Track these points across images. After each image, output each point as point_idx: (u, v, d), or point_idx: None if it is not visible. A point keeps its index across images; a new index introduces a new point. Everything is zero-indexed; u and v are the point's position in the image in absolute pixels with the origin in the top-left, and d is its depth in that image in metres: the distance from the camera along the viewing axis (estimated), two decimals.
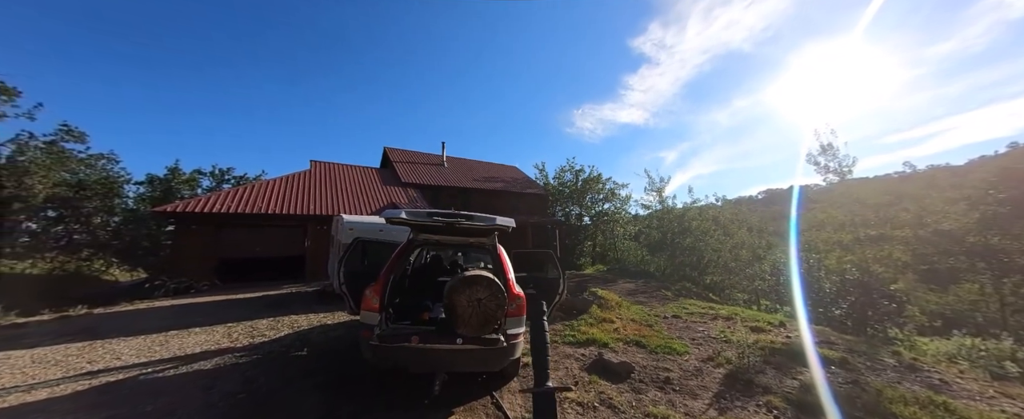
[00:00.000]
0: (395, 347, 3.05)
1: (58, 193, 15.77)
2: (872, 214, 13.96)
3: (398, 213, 3.53)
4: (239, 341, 5.04)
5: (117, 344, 4.89)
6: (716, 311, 7.50)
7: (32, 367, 4.05)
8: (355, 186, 16.83)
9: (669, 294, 10.70)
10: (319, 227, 12.83)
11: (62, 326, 6.03)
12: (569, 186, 24.86)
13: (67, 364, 4.15)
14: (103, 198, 17.15)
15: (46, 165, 15.23)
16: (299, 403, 3.17)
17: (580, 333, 5.51)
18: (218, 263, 11.63)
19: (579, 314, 6.70)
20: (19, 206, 15.20)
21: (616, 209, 24.09)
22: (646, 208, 21.99)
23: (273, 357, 4.32)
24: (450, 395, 3.32)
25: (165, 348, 4.74)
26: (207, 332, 5.49)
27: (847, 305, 9.35)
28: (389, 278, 3.57)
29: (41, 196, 15.18)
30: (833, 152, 13.66)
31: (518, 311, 3.45)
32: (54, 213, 16.56)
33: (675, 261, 16.55)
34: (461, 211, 3.69)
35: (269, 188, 13.84)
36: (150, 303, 8.34)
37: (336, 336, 5.21)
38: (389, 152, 21.90)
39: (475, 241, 4.10)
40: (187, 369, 3.98)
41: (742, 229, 16.28)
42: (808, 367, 4.37)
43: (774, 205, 58.70)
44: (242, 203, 12.15)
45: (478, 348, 3.12)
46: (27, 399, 3.27)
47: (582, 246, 23.69)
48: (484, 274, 3.29)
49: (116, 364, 4.16)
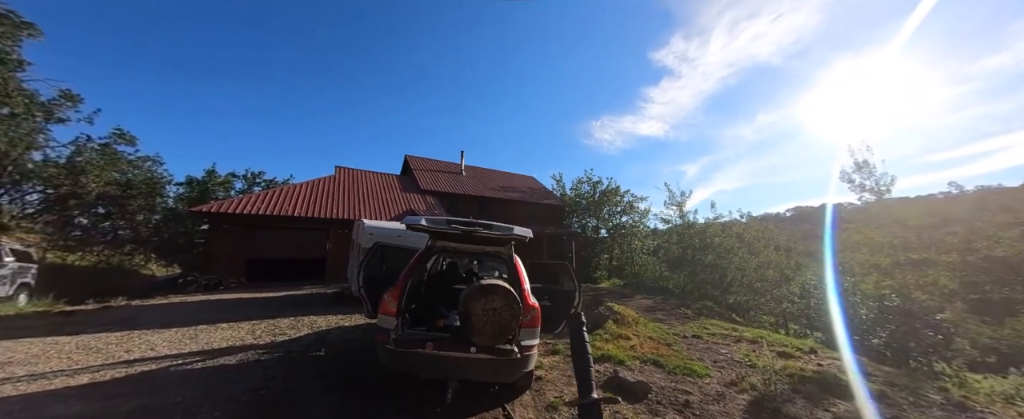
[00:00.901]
0: (410, 352, 3.09)
1: (108, 191, 17.08)
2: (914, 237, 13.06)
3: (418, 220, 3.62)
4: (262, 338, 5.22)
5: (152, 335, 5.18)
6: (740, 333, 7.16)
7: (77, 353, 4.34)
8: (376, 192, 17.34)
9: (689, 313, 10.30)
10: (341, 231, 13.24)
11: (104, 316, 6.45)
12: (586, 198, 24.64)
13: (107, 352, 4.43)
14: (147, 197, 18.43)
15: (100, 165, 16.59)
16: (314, 403, 3.24)
17: (595, 348, 5.37)
18: (246, 262, 12.16)
19: (594, 329, 6.54)
20: (74, 203, 16.56)
21: (634, 222, 23.63)
22: (666, 222, 21.44)
23: (293, 356, 4.45)
24: (462, 404, 3.31)
25: (194, 341, 4.97)
26: (233, 328, 5.72)
27: (886, 334, 8.68)
28: (407, 283, 3.63)
29: (93, 194, 16.50)
30: (869, 170, 12.97)
31: (533, 322, 3.42)
32: (103, 210, 17.90)
33: (696, 278, 15.97)
34: (479, 220, 3.75)
35: (296, 192, 14.47)
36: (183, 298, 8.80)
37: (352, 338, 5.32)
38: (410, 160, 22.50)
39: (492, 250, 4.13)
40: (213, 363, 4.16)
41: (769, 247, 15.54)
42: (843, 399, 4.08)
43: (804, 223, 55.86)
44: (270, 206, 12.75)
45: (491, 358, 3.11)
46: (70, 383, 3.50)
47: (598, 259, 23.29)
48: (500, 283, 3.30)
49: (150, 354, 4.40)
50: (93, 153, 16.77)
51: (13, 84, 11.84)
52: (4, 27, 11.41)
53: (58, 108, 14.58)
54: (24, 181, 15.92)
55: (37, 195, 16.54)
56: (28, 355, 4.18)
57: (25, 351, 4.29)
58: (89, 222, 17.84)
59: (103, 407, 3.00)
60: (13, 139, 13.43)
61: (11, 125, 13.29)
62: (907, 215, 14.34)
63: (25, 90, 12.91)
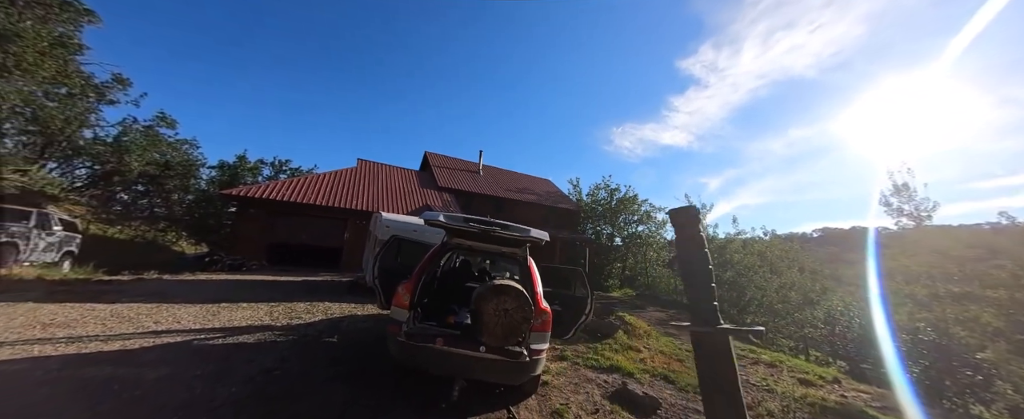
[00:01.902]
0: (420, 346, 3.11)
1: (148, 171, 18.15)
2: (955, 268, 12.15)
3: (436, 216, 3.65)
4: (279, 321, 5.40)
5: (178, 309, 5.45)
6: (758, 355, 6.87)
7: (110, 320, 4.61)
8: (395, 186, 17.68)
9: None
10: (359, 222, 13.57)
11: (137, 287, 6.84)
12: (602, 204, 24.30)
13: (138, 322, 4.68)
14: (182, 178, 19.46)
15: (143, 146, 17.64)
16: (325, 388, 3.31)
17: (603, 358, 5.28)
18: (268, 246, 12.64)
19: (603, 338, 6.43)
20: (117, 179, 17.66)
21: (651, 233, 23.12)
22: None
23: (307, 340, 4.58)
24: (468, 402, 3.31)
25: (217, 318, 5.19)
26: (252, 308, 5.95)
27: (919, 369, 8.13)
28: (421, 278, 3.67)
29: (135, 172, 17.56)
30: (909, 193, 12.20)
31: (544, 326, 3.39)
32: (143, 188, 19.02)
33: None
34: (496, 219, 3.75)
35: (318, 182, 14.93)
36: (208, 276, 9.22)
37: (364, 327, 5.42)
38: (429, 156, 22.83)
39: (507, 251, 4.12)
40: (233, 340, 4.33)
41: (793, 269, 14.87)
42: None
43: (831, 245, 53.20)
44: (294, 193, 13.21)
45: (500, 359, 3.10)
46: (103, 348, 3.72)
47: (611, 267, 22.90)
48: (513, 285, 3.28)
49: (176, 327, 4.63)
50: (137, 134, 17.89)
51: (72, 66, 12.77)
52: (68, 13, 12.33)
53: (110, 90, 15.63)
54: (75, 156, 17.13)
55: (85, 170, 17.75)
56: (68, 319, 4.47)
57: (66, 315, 4.59)
58: (129, 198, 19.01)
59: (131, 373, 3.17)
60: (69, 117, 14.48)
61: (68, 104, 14.33)
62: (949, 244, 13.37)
63: (82, 72, 13.89)
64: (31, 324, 4.16)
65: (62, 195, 14.32)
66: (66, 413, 2.53)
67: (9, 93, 10.64)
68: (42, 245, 7.86)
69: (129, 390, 2.90)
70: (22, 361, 3.25)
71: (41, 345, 3.61)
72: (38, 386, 2.85)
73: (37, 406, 2.58)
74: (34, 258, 7.61)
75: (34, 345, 3.60)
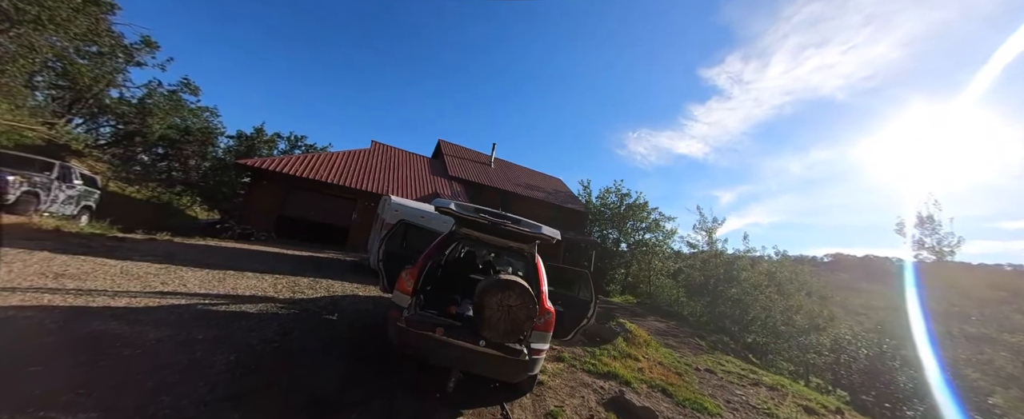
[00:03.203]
0: (420, 334, 3.07)
1: (169, 134, 18.49)
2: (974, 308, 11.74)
3: (447, 203, 3.59)
4: (282, 293, 5.44)
5: (186, 272, 5.52)
6: (759, 376, 6.71)
7: (120, 277, 4.69)
8: (406, 170, 17.71)
9: (703, 344, 9.81)
10: (368, 203, 13.64)
11: (149, 247, 6.97)
12: (611, 208, 24.04)
13: (146, 280, 4.75)
14: (201, 144, 19.78)
15: (165, 110, 17.95)
16: (323, 365, 3.31)
17: (601, 363, 5.20)
18: (277, 218, 12.80)
19: (603, 343, 6.34)
20: (139, 140, 18.03)
21: (657, 241, 22.82)
22: (692, 247, 20.58)
23: (308, 315, 4.59)
24: (463, 395, 3.27)
25: (222, 285, 5.25)
26: (258, 278, 6.00)
27: (924, 408, 7.88)
28: (426, 264, 3.62)
29: (156, 135, 17.90)
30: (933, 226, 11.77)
31: (546, 326, 3.32)
32: (162, 151, 19.40)
33: (715, 310, 15.21)
34: (508, 213, 3.67)
35: (332, 160, 15.03)
36: (218, 242, 9.37)
37: (365, 309, 5.43)
38: (442, 145, 22.80)
39: (515, 246, 4.04)
40: (236, 308, 4.36)
41: (801, 292, 14.55)
42: None
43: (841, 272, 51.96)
44: (307, 169, 13.31)
45: (499, 355, 3.04)
46: (110, 303, 3.77)
47: (614, 273, 22.73)
48: (519, 281, 3.21)
49: (182, 290, 4.68)
50: (161, 98, 18.20)
51: (104, 25, 12.97)
52: None
53: (138, 52, 15.87)
54: (101, 115, 17.53)
55: (109, 129, 18.17)
56: (79, 271, 4.56)
57: (78, 268, 4.68)
58: (149, 160, 19.42)
59: (133, 331, 3.20)
60: (98, 75, 14.77)
61: (98, 63, 14.62)
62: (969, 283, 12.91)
63: (113, 32, 14.12)
64: (44, 273, 4.24)
65: (86, 151, 14.68)
66: (66, 364, 2.55)
67: (42, 46, 10.86)
68: (62, 197, 8.06)
69: (130, 348, 2.92)
70: (31, 309, 3.30)
71: (51, 294, 3.68)
72: (43, 335, 2.89)
73: (39, 355, 2.61)
74: (54, 209, 7.80)
75: (45, 294, 3.66)
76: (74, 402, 2.16)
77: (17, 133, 10.96)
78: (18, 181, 6.85)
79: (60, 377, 2.40)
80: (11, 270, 4.13)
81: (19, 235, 5.60)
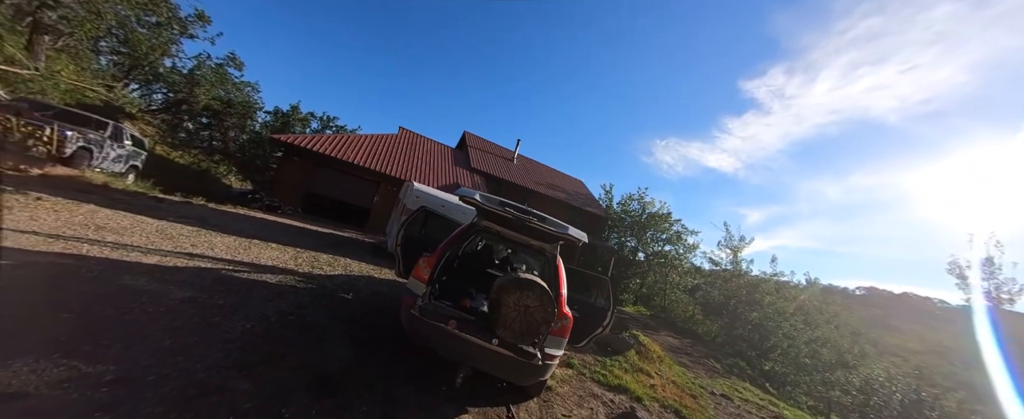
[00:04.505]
0: (432, 324, 2.99)
1: (213, 105, 19.42)
2: None
3: (472, 194, 3.47)
4: (301, 267, 5.54)
5: (215, 237, 5.72)
6: (779, 410, 6.30)
7: (154, 235, 4.90)
8: (430, 159, 17.85)
9: (718, 367, 9.35)
10: (390, 187, 13.83)
11: (184, 210, 7.29)
12: (632, 216, 23.38)
13: (177, 241, 4.94)
14: (241, 117, 20.67)
15: (212, 82, 18.84)
16: (333, 344, 3.29)
17: (612, 375, 4.99)
18: (305, 194, 13.19)
19: (614, 353, 6.12)
20: (185, 109, 19.04)
21: (677, 255, 22.02)
22: (714, 264, 19.76)
23: (324, 292, 4.63)
24: (470, 391, 3.18)
25: (247, 253, 5.40)
26: (280, 250, 6.15)
27: None
28: (444, 254, 3.54)
29: (201, 105, 18.84)
30: (992, 269, 10.67)
31: (562, 332, 3.16)
32: (205, 120, 20.42)
33: (732, 332, 14.54)
34: (533, 210, 3.52)
35: (360, 142, 15.33)
36: (247, 211, 9.74)
37: (379, 291, 5.44)
38: (467, 137, 22.84)
39: (536, 244, 3.89)
40: (257, 277, 4.45)
41: (829, 324, 13.63)
42: None
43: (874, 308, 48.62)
44: (336, 149, 13.62)
45: (511, 356, 2.91)
46: (142, 260, 3.92)
47: (629, 282, 22.14)
48: (539, 282, 3.06)
49: (209, 253, 4.84)
50: (209, 70, 19.13)
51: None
52: None
53: (191, 25, 16.70)
54: (154, 82, 18.62)
55: (160, 96, 19.28)
56: (119, 226, 4.79)
57: (118, 223, 4.92)
58: (193, 128, 20.49)
59: (160, 289, 3.29)
60: (154, 44, 15.68)
61: (155, 32, 15.49)
62: None
63: (170, 4, 14.91)
64: (87, 224, 4.47)
65: (138, 114, 15.64)
66: (95, 315, 2.64)
67: (107, 13, 11.58)
68: (113, 155, 8.57)
69: (155, 305, 2.99)
70: (71, 257, 3.46)
71: (90, 245, 3.86)
72: (78, 284, 3.01)
73: (72, 303, 2.71)
74: (105, 166, 8.31)
75: (85, 244, 3.85)
76: (95, 353, 2.21)
77: (80, 92, 11.78)
78: (75, 136, 7.31)
79: (87, 327, 2.47)
80: (58, 218, 4.37)
81: (71, 187, 5.97)
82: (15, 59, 9.52)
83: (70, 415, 1.72)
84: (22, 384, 1.82)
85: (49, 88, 10.41)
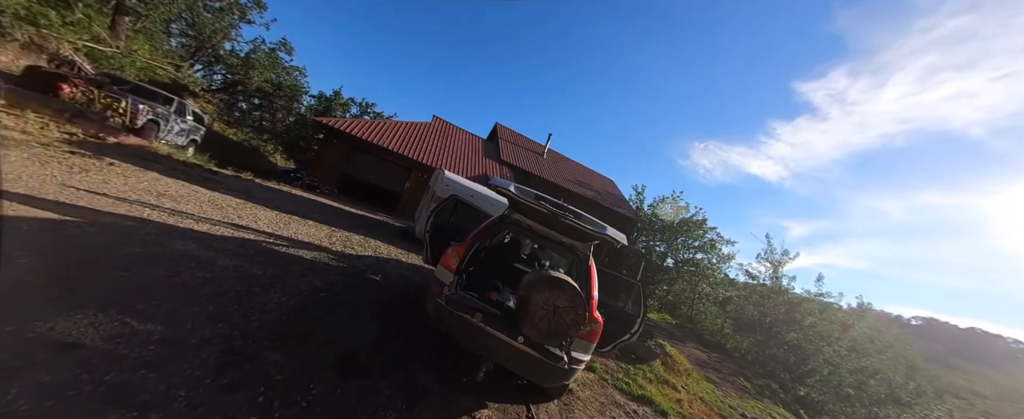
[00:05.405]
0: (458, 315, 2.93)
1: (264, 88, 20.63)
2: None
3: (507, 185, 3.35)
4: (334, 245, 5.73)
5: (259, 210, 6.04)
6: None
7: (206, 205, 5.23)
8: (460, 149, 17.97)
9: (749, 386, 8.76)
10: (421, 174, 14.08)
11: (234, 183, 7.78)
12: (664, 220, 22.41)
13: (226, 211, 5.25)
14: (289, 100, 21.86)
15: (265, 65, 19.97)
16: (360, 324, 3.34)
17: (636, 385, 4.76)
18: (342, 176, 13.74)
19: (639, 362, 5.86)
20: (240, 89, 20.36)
21: (710, 264, 20.87)
22: (751, 277, 18.54)
23: (354, 272, 4.75)
24: (490, 385, 3.11)
25: (286, 228, 5.66)
26: (316, 228, 6.40)
27: None
28: (473, 245, 3.46)
29: (254, 86, 20.07)
30: None
31: (591, 336, 3.00)
32: (257, 101, 21.77)
33: (765, 351, 13.61)
34: (569, 206, 3.35)
35: (395, 129, 15.69)
36: (289, 189, 10.27)
37: (406, 276, 5.52)
38: (499, 128, 22.76)
39: (567, 242, 3.73)
40: (294, 252, 4.63)
41: (881, 354, 12.38)
42: None
43: (934, 341, 43.88)
44: (373, 134, 14.02)
45: (536, 357, 2.80)
46: (194, 227, 4.18)
47: (656, 288, 21.34)
48: (571, 282, 2.91)
49: (253, 225, 5.10)
50: (263, 54, 20.28)
51: None
52: None
53: (249, 11, 17.73)
54: (215, 63, 20.03)
55: (220, 76, 20.74)
56: (177, 194, 5.15)
57: (176, 191, 5.30)
58: (246, 108, 21.95)
59: (207, 256, 3.48)
60: (217, 28, 16.81)
61: (218, 17, 16.59)
62: None
63: None
64: (150, 191, 4.85)
65: (200, 93, 16.92)
66: (149, 275, 2.81)
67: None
68: (176, 129, 9.31)
69: (202, 271, 3.16)
70: (133, 220, 3.74)
71: (150, 210, 4.16)
72: (137, 245, 3.23)
73: (130, 262, 2.90)
74: (169, 139, 9.04)
75: (146, 208, 4.16)
76: (146, 312, 2.33)
77: (152, 70, 12.87)
78: (147, 109, 7.98)
79: (142, 286, 2.63)
80: (126, 183, 4.77)
81: (139, 155, 6.52)
82: (101, 38, 10.53)
83: (119, 370, 1.82)
84: (81, 336, 1.95)
85: (127, 65, 11.45)
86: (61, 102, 6.56)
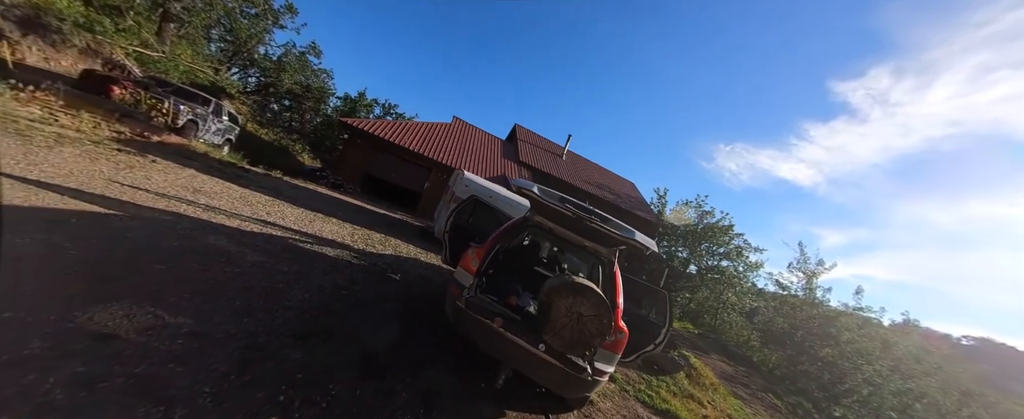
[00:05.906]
0: (477, 319, 2.86)
1: (294, 90, 21.49)
2: None
3: (530, 186, 3.25)
4: (356, 243, 5.81)
5: (285, 208, 6.23)
6: None
7: (237, 201, 5.43)
8: (479, 149, 18.03)
9: (780, 404, 8.25)
10: (441, 174, 14.21)
11: (264, 180, 8.09)
12: (687, 225, 21.63)
13: (255, 208, 5.43)
14: (317, 101, 22.66)
15: (295, 68, 20.81)
16: (380, 323, 3.33)
17: (659, 397, 4.55)
18: (364, 175, 14.08)
19: (661, 373, 5.60)
20: (272, 91, 21.29)
21: (736, 272, 19.94)
22: (782, 288, 17.57)
23: (375, 270, 4.79)
24: (509, 393, 3.02)
25: (311, 225, 5.79)
26: (339, 226, 6.54)
27: None
28: (494, 247, 3.39)
29: (285, 88, 20.94)
30: None
31: (616, 347, 2.85)
32: (288, 103, 22.71)
33: (796, 366, 12.83)
34: (595, 209, 3.22)
35: (416, 129, 15.93)
36: (314, 187, 10.60)
37: (425, 275, 5.52)
38: (518, 129, 22.69)
39: (591, 246, 3.59)
40: (318, 249, 4.72)
41: (929, 376, 11.38)
42: None
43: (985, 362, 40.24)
44: (394, 134, 14.28)
45: (558, 366, 2.68)
46: (226, 222, 4.33)
47: (678, 295, 20.61)
48: (595, 289, 2.78)
49: (280, 222, 5.25)
50: (293, 58, 21.16)
51: None
52: None
53: (282, 16, 18.52)
54: (250, 67, 21.06)
55: (254, 79, 21.79)
56: (211, 191, 5.38)
57: (211, 188, 5.53)
58: (277, 109, 22.94)
59: (237, 251, 3.58)
60: (252, 33, 17.66)
61: (254, 22, 17.43)
62: None
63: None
64: (187, 187, 5.08)
65: (235, 94, 17.82)
66: (182, 269, 2.90)
67: (218, 4, 13.20)
68: (213, 128, 9.79)
69: (232, 266, 3.24)
70: (169, 214, 3.91)
71: (186, 205, 4.34)
72: (174, 238, 3.36)
73: (166, 255, 3.01)
74: (206, 138, 9.53)
75: (182, 203, 4.34)
76: (177, 305, 2.40)
77: (193, 73, 13.65)
78: (187, 110, 8.44)
79: (175, 279, 2.71)
80: (166, 179, 5.01)
81: (179, 153, 6.88)
82: (149, 43, 11.26)
83: (149, 363, 1.85)
84: (116, 327, 2.01)
85: (171, 68, 12.18)
86: (112, 103, 7.02)
